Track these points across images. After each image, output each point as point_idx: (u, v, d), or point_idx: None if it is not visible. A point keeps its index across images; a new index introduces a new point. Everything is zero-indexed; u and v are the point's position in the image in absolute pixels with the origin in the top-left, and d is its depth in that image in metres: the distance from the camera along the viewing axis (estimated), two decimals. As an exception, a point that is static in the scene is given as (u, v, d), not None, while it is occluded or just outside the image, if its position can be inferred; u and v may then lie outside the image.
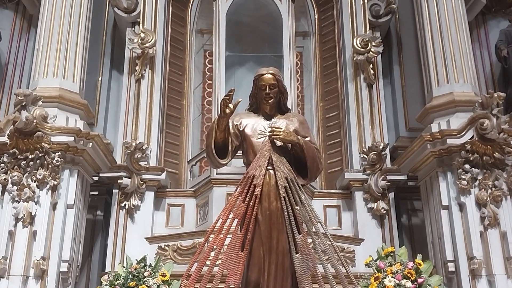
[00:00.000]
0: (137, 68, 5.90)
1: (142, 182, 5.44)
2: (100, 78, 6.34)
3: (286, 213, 3.84)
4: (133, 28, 6.11)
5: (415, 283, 4.26)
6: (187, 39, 6.53)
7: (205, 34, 6.77)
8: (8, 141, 4.66)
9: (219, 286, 3.73)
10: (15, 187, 4.63)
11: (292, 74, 5.80)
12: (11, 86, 6.27)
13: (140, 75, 5.89)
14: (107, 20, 6.59)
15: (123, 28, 6.26)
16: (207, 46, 6.69)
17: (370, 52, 5.97)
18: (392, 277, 4.25)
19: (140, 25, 6.04)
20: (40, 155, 4.69)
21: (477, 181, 4.83)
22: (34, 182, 4.66)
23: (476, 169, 4.84)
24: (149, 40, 5.87)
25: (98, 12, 6.27)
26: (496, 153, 4.83)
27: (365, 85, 6.00)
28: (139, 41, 5.86)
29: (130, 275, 4.36)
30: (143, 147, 5.48)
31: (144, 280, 4.32)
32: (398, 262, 4.38)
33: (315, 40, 6.60)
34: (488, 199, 4.77)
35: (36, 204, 4.63)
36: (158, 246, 5.27)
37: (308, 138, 4.15)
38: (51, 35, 5.23)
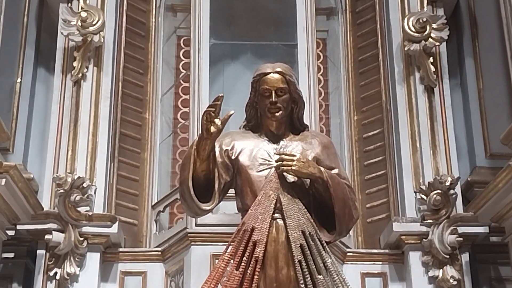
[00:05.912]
0: (75, 64, 5.93)
1: (82, 238, 5.43)
2: (19, 80, 6.34)
3: (303, 285, 3.82)
4: (69, 4, 6.16)
5: None
6: (152, 20, 6.59)
7: (179, 12, 6.84)
8: None
9: None
10: None
11: (311, 72, 5.85)
12: None
13: (80, 75, 5.92)
14: (30, -8, 6.66)
15: (55, 5, 6.30)
16: (182, 30, 6.75)
17: (430, 39, 6.00)
18: None
19: (81, -1, 6.11)
20: None
21: None
22: None
23: None
24: (93, 22, 5.91)
25: (16, -19, 6.34)
26: None
27: (423, 89, 6.03)
28: (79, 23, 5.89)
29: None
30: (84, 185, 5.48)
31: None
32: None
33: (345, 21, 6.66)
34: None
35: None
36: (106, 337, 5.29)
37: (336, 171, 4.17)
38: None
